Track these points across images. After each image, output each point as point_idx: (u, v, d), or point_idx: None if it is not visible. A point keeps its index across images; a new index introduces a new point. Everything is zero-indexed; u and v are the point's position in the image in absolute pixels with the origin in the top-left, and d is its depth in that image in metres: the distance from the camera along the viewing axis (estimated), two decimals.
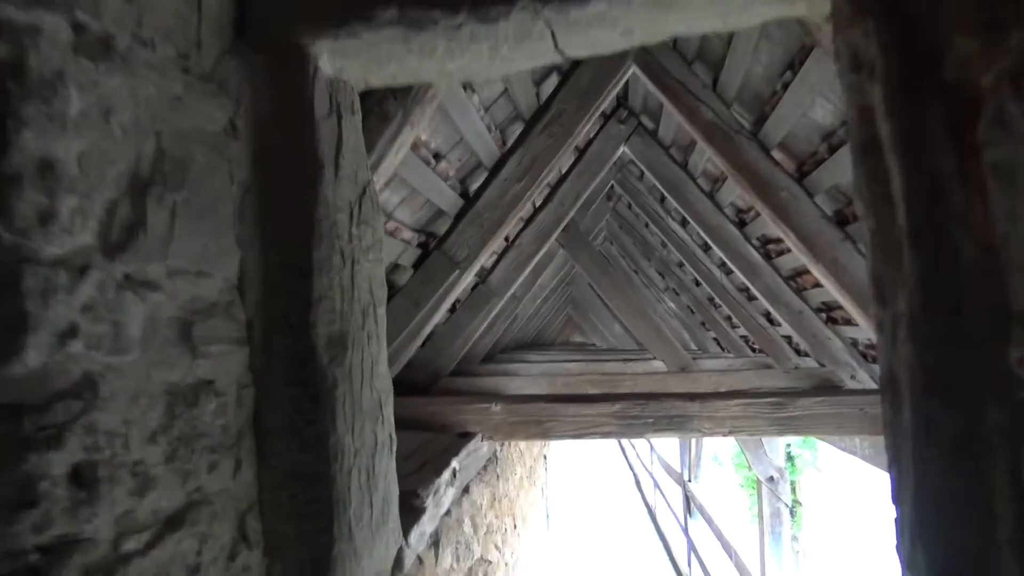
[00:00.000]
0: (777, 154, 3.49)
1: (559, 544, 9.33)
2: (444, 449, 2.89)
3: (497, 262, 4.98)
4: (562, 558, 9.80)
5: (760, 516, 6.19)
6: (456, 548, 2.67)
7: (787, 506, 6.09)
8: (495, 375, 5.52)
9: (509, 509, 4.26)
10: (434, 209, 3.40)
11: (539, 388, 5.15)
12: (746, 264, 4.90)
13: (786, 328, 6.09)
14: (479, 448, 3.27)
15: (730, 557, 7.85)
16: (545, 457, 8.13)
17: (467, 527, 2.99)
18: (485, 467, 3.59)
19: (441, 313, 3.64)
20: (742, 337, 7.88)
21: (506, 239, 4.97)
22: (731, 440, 23.78)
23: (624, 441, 21.33)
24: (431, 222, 3.49)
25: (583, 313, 14.27)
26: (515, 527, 4.43)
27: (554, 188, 4.99)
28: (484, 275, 4.97)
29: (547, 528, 7.32)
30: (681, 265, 8.12)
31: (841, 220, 3.41)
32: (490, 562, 3.45)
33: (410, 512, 2.10)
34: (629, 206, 8.17)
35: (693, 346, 10.10)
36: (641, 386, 5.18)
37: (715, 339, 9.29)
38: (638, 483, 17.49)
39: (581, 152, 4.99)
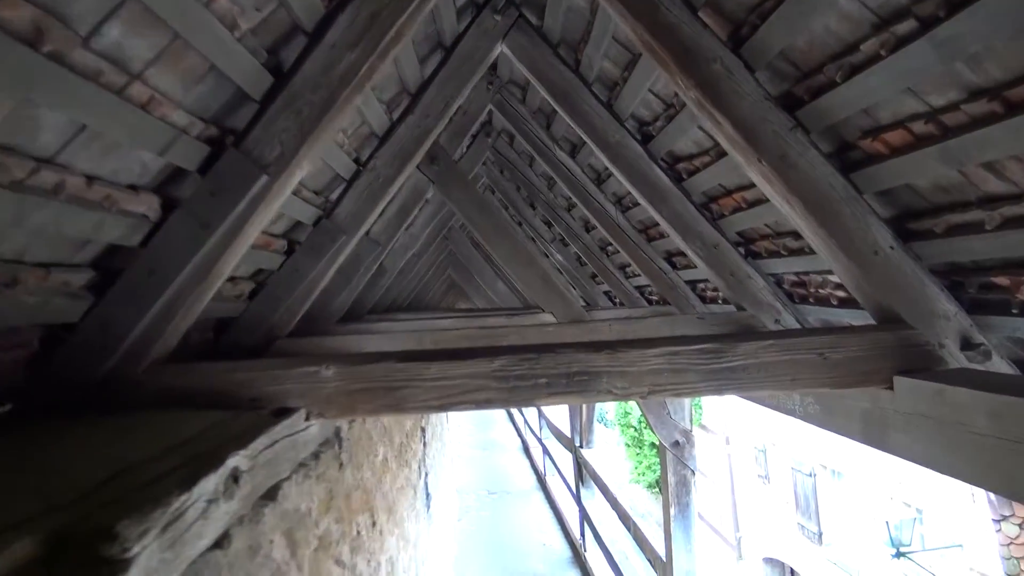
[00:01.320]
0: (706, 16, 2.59)
1: (442, 527, 8.44)
2: (232, 437, 1.85)
3: (346, 191, 3.94)
4: (445, 543, 8.93)
5: (664, 485, 5.47)
6: None
7: (693, 473, 5.39)
8: (351, 334, 4.48)
9: (365, 503, 3.27)
10: (229, 89, 2.31)
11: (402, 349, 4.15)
12: (651, 189, 4.04)
13: (690, 273, 5.34)
14: (300, 430, 2.25)
15: (628, 529, 7.19)
16: (423, 429, 7.15)
17: (278, 552, 1.99)
18: (317, 455, 2.58)
19: (247, 241, 2.57)
20: (638, 288, 7.14)
21: (357, 162, 3.91)
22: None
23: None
24: (229, 112, 2.40)
25: (466, 275, 13.30)
26: (374, 524, 3.44)
27: (415, 96, 3.97)
28: (329, 208, 3.92)
29: (427, 513, 6.37)
30: (570, 208, 7.27)
31: (790, 103, 2.56)
32: None
33: None
34: (511, 141, 7.22)
35: (583, 303, 9.34)
36: (529, 340, 4.27)
37: (607, 293, 8.55)
38: (527, 449, 16.88)
39: (448, 51, 3.97)
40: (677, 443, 5.35)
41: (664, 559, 5.68)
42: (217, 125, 2.38)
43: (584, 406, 9.93)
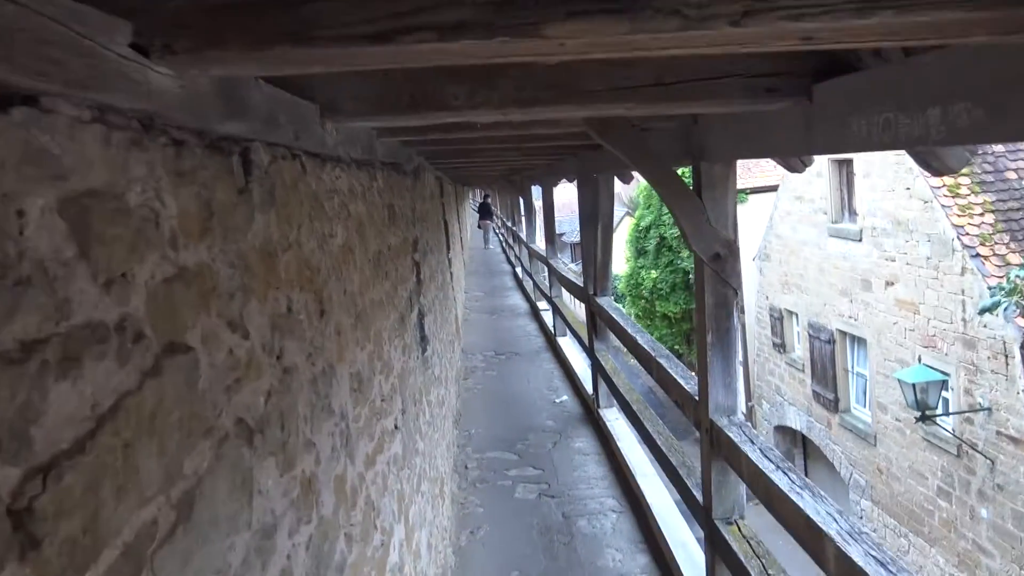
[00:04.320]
0: None
1: (443, 381, 7.67)
2: None
3: None
4: (448, 398, 8.21)
5: (700, 308, 4.53)
6: None
7: (735, 292, 4.43)
8: None
9: (305, 279, 2.35)
10: None
11: None
12: None
13: None
14: (131, 59, 1.21)
15: (650, 374, 6.33)
16: (416, 263, 6.19)
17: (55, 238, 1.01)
18: (181, 144, 1.55)
19: None
20: None
21: None
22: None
23: (520, 270, 19.69)
24: None
25: None
26: (322, 315, 2.53)
27: None
28: None
29: (420, 354, 5.52)
30: None
31: None
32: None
33: None
34: None
35: None
36: None
37: None
38: (535, 314, 16.16)
39: None
40: (717, 256, 4.35)
41: (696, 396, 4.80)
42: None
43: (599, 249, 8.89)
